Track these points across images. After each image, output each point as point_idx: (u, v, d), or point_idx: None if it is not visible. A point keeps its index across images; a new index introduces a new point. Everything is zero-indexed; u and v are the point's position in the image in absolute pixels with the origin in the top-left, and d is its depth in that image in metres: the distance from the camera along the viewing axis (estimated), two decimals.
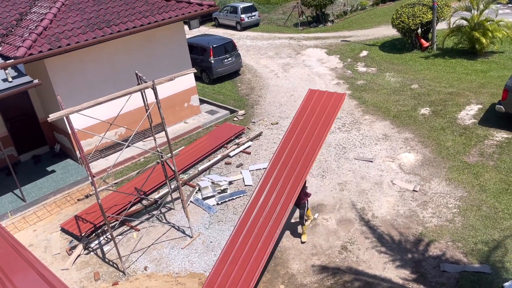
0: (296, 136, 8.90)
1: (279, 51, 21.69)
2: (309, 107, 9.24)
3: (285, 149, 8.81)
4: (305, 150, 8.56)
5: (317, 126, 8.82)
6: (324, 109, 9.06)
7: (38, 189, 11.51)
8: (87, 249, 9.38)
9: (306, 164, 8.38)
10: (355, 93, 15.49)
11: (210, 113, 15.39)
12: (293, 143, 8.83)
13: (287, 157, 8.66)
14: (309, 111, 9.19)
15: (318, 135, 8.69)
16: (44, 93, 12.44)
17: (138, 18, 12.17)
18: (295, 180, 8.26)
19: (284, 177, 8.41)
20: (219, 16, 28.61)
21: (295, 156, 8.60)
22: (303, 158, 8.46)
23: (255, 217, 8.12)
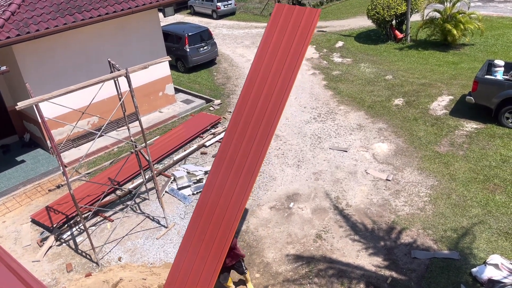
0: (265, 67, 6.97)
1: (256, 41, 21.58)
2: (277, 26, 7.16)
3: (252, 87, 6.98)
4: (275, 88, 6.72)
5: (290, 50, 6.88)
6: (296, 29, 7.01)
7: (7, 180, 11.17)
8: (59, 240, 9.20)
9: (279, 102, 6.60)
10: (331, 84, 15.60)
11: (185, 102, 15.22)
12: (262, 76, 6.96)
13: (255, 97, 6.86)
14: (278, 31, 7.12)
15: (291, 63, 6.76)
16: (12, 80, 12.02)
17: (111, 4, 11.86)
18: (265, 128, 6.57)
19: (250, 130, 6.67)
20: (194, 4, 28.21)
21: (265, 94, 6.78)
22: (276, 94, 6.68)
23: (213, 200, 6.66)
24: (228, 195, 6.46)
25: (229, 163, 6.65)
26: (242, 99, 6.93)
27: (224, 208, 6.42)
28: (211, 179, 6.68)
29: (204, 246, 6.39)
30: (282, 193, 10.04)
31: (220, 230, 6.35)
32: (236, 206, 6.37)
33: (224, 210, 6.41)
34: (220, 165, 6.70)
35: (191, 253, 6.46)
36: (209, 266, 6.26)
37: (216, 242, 6.32)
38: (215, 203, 6.52)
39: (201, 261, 6.34)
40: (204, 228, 6.49)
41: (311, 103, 14.21)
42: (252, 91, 6.96)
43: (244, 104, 6.90)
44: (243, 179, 6.45)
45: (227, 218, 6.35)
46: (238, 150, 6.65)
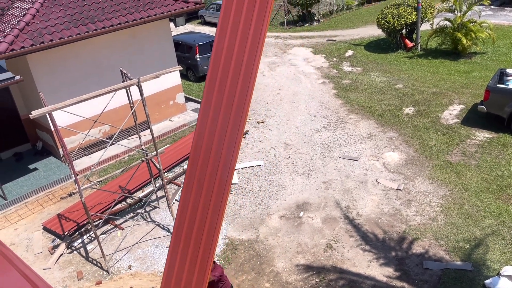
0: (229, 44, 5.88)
1: (265, 50, 21.68)
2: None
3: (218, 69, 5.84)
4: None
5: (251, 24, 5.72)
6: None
7: (20, 187, 11.31)
8: (70, 248, 9.25)
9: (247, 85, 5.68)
10: (341, 92, 15.59)
11: (195, 111, 15.31)
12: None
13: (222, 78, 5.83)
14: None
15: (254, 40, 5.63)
16: (25, 89, 12.22)
17: (123, 14, 12.03)
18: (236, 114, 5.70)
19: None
20: (205, 13, 28.47)
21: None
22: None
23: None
24: (207, 195, 6.07)
25: (206, 153, 6.11)
26: (209, 83, 6.14)
27: (206, 208, 6.07)
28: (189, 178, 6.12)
29: (192, 248, 6.20)
30: (292, 202, 10.01)
31: (205, 231, 6.12)
32: (217, 204, 5.99)
33: (206, 210, 6.06)
34: (196, 158, 6.14)
35: (181, 256, 6.30)
36: (199, 267, 6.10)
37: (202, 244, 6.09)
38: (196, 205, 6.19)
39: (190, 264, 6.19)
40: (189, 231, 6.25)
41: (321, 112, 14.20)
42: (219, 72, 6.19)
43: (211, 88, 6.14)
44: (219, 177, 5.93)
45: (210, 217, 6.05)
46: (212, 141, 6.02)
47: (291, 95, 15.79)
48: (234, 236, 9.13)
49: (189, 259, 6.15)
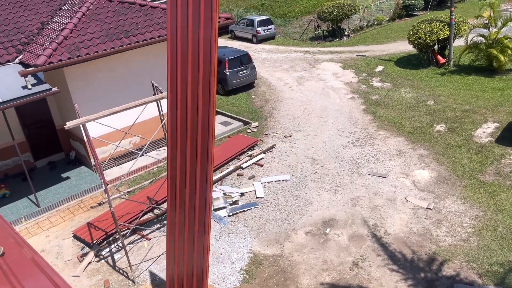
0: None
1: (294, 64, 21.77)
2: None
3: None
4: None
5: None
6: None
7: (53, 195, 11.65)
8: (98, 256, 9.43)
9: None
10: (370, 108, 15.42)
11: (223, 124, 15.46)
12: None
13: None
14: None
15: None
16: (62, 100, 12.67)
17: (156, 29, 12.36)
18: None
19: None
20: (235, 28, 28.91)
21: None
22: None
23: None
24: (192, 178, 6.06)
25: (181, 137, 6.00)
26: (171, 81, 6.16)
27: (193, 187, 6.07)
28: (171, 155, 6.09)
29: (187, 230, 6.21)
30: (318, 218, 9.90)
31: (197, 209, 6.12)
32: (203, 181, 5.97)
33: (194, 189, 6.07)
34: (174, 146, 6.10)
35: (178, 240, 6.31)
36: (198, 245, 6.10)
37: (197, 223, 6.10)
38: (183, 185, 6.12)
39: (189, 244, 6.18)
40: (181, 214, 6.27)
41: (350, 128, 14.07)
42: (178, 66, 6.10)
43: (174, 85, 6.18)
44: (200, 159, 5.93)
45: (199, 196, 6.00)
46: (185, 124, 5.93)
47: (319, 110, 15.74)
48: (259, 250, 9.09)
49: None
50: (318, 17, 26.19)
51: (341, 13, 25.09)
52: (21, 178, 12.40)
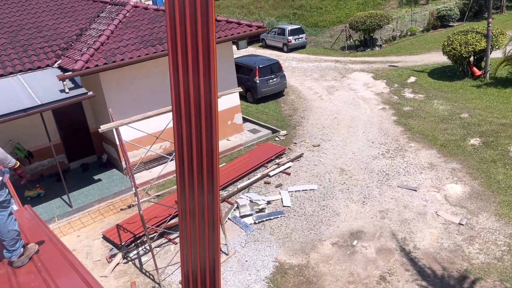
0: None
1: (325, 74, 21.68)
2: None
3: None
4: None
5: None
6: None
7: (84, 196, 11.97)
8: (126, 258, 9.60)
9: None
10: (401, 119, 15.16)
11: (252, 132, 15.53)
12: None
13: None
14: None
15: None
16: (96, 104, 13.05)
17: None
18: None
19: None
20: (266, 37, 29.08)
21: None
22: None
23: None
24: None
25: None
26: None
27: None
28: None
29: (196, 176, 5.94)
30: (345, 229, 9.77)
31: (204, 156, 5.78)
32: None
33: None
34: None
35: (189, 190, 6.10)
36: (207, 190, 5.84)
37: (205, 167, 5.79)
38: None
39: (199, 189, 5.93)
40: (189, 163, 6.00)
41: (380, 139, 13.86)
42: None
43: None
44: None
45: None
46: None
47: (349, 120, 15.59)
48: (284, 259, 9.03)
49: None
50: (350, 26, 26.03)
51: (373, 23, 24.86)
52: (55, 178, 12.80)
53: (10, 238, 3.77)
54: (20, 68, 11.19)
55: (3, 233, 3.79)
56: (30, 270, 3.62)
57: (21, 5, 14.19)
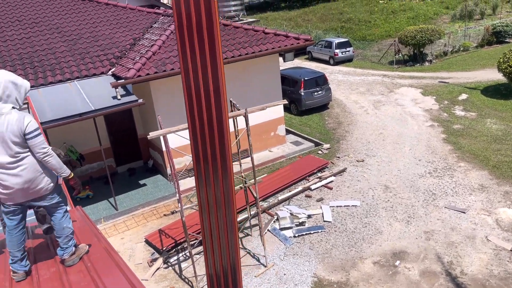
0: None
1: (371, 88, 21.33)
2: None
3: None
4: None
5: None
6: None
7: (130, 200, 12.36)
8: (167, 263, 9.79)
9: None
10: (450, 138, 14.61)
11: (295, 144, 15.48)
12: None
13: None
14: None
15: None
16: (145, 112, 13.50)
17: (237, 48, 12.81)
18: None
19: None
20: (313, 50, 29.04)
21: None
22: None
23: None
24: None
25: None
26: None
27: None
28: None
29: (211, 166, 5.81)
30: (388, 248, 9.49)
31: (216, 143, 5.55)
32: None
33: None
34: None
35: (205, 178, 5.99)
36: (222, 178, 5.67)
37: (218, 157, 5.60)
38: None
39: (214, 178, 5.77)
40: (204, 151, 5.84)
41: (427, 157, 13.41)
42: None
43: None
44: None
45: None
46: None
47: (395, 136, 15.21)
48: (323, 276, 8.88)
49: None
50: (400, 41, 25.52)
51: (424, 38, 24.25)
52: (103, 181, 13.31)
53: (64, 235, 3.96)
54: (77, 75, 11.80)
55: (58, 230, 3.99)
56: (80, 269, 3.77)
57: (81, 15, 15.00)
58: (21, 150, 3.63)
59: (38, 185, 3.76)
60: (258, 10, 49.38)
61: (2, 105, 3.57)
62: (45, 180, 3.79)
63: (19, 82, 3.71)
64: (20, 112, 3.64)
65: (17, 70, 11.68)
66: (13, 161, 3.61)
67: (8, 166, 3.61)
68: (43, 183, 3.78)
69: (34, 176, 3.71)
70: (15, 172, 3.64)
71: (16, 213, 3.83)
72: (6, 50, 12.53)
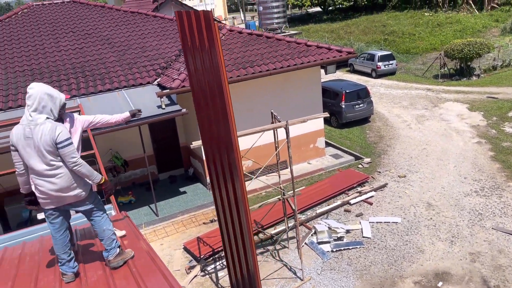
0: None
1: (415, 102, 20.83)
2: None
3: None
4: None
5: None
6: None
7: (170, 207, 12.63)
8: (204, 271, 9.90)
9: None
10: (499, 156, 13.99)
11: (334, 157, 15.33)
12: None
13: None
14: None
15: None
16: (187, 121, 13.81)
17: (279, 60, 12.92)
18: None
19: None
20: (355, 62, 28.76)
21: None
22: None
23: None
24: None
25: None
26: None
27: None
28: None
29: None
30: (430, 268, 9.17)
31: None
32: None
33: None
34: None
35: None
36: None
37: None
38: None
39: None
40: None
41: (473, 175, 12.90)
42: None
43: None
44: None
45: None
46: None
47: (439, 152, 14.75)
48: None
49: None
50: (445, 54, 24.81)
51: (472, 52, 23.47)
52: (145, 187, 13.69)
53: (106, 237, 4.13)
54: (124, 84, 12.28)
55: (99, 232, 4.16)
56: (125, 273, 3.91)
57: (130, 27, 15.63)
58: (55, 159, 3.80)
59: (71, 193, 3.94)
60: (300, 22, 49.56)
61: (38, 116, 3.76)
62: (78, 189, 3.97)
63: (55, 95, 3.90)
64: (53, 122, 3.80)
65: (70, 78, 12.31)
66: (49, 169, 3.80)
67: (45, 173, 3.81)
68: (76, 191, 3.96)
69: (68, 184, 3.89)
70: (51, 179, 3.83)
71: (56, 217, 4.02)
72: (61, 60, 13.24)
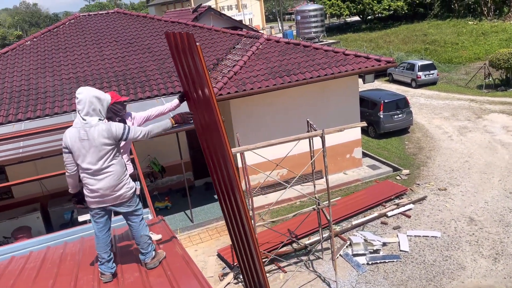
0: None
1: (456, 113, 20.16)
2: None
3: None
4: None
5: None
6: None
7: (205, 214, 12.75)
8: (237, 278, 9.90)
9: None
10: None
11: (371, 168, 15.03)
12: None
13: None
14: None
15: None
16: None
17: (316, 69, 12.86)
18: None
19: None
20: (394, 71, 28.21)
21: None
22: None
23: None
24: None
25: None
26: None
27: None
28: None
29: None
30: (471, 286, 8.78)
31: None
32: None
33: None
34: None
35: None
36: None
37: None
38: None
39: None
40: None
41: None
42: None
43: None
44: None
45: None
46: None
47: (483, 165, 14.16)
48: None
49: None
50: (490, 64, 23.93)
51: None
52: (181, 193, 13.89)
53: (143, 242, 4.22)
54: (164, 92, 12.57)
55: (136, 238, 4.26)
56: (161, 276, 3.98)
57: None
58: (110, 157, 3.99)
59: (118, 192, 4.09)
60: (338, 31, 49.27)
61: (91, 118, 3.98)
62: (125, 188, 4.12)
63: (102, 96, 4.11)
64: (106, 123, 4.02)
65: (112, 86, 12.75)
66: (101, 168, 3.98)
67: (96, 172, 3.98)
68: (123, 190, 4.11)
69: (116, 183, 4.05)
70: (101, 177, 4.00)
71: (100, 216, 4.17)
72: (104, 68, 13.75)
